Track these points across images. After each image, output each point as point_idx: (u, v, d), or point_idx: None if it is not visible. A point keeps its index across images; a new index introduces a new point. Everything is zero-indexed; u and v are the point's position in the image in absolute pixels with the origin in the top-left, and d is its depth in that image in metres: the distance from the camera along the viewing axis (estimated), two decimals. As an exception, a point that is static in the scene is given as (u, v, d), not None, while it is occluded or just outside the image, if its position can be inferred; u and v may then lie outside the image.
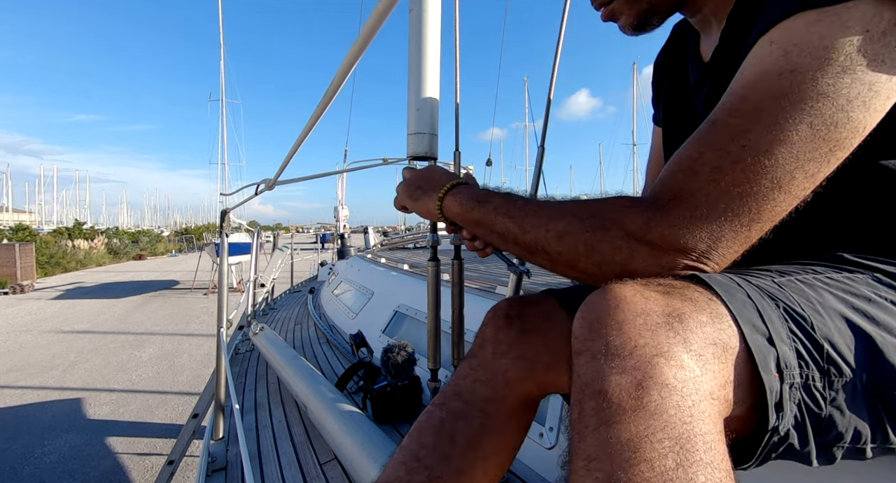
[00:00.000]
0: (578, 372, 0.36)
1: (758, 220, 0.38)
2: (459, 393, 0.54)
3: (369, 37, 0.67)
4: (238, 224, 3.05)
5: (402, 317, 2.19)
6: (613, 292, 0.37)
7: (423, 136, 0.75)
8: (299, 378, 1.39)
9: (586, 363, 0.35)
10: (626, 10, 0.54)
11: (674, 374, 0.31)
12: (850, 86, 0.34)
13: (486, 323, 0.59)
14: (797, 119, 0.35)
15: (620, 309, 0.35)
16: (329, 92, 0.79)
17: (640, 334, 0.33)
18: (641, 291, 0.36)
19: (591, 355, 0.35)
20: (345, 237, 8.02)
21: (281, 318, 3.49)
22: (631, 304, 0.35)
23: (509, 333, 0.55)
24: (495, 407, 0.53)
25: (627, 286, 0.37)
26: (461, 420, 0.52)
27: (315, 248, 10.60)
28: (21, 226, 21.15)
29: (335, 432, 1.03)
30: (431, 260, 0.85)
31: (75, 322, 7.74)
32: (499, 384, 0.53)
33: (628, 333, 0.33)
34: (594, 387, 0.33)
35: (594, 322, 0.36)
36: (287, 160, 1.15)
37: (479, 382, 0.54)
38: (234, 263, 10.83)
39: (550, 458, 1.05)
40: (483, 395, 0.53)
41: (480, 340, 0.58)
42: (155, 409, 4.05)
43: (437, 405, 0.55)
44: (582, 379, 0.35)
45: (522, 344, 0.54)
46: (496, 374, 0.54)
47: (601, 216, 0.42)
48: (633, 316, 0.34)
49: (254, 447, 1.34)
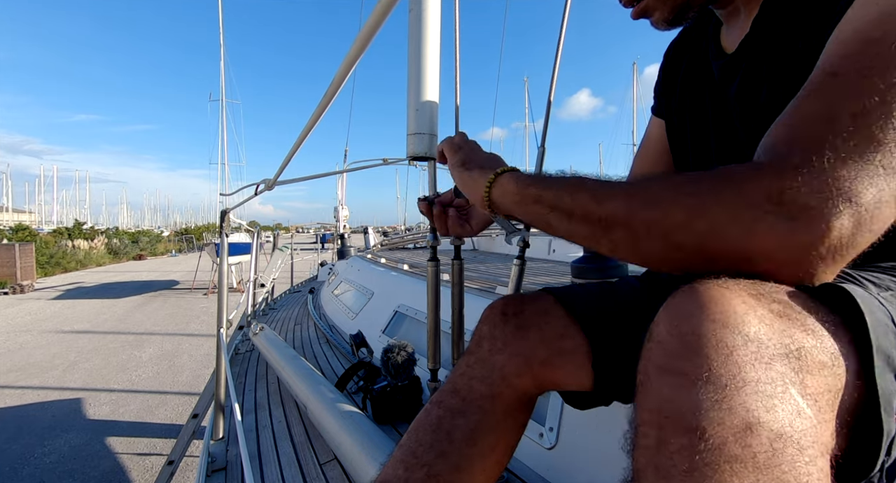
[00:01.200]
0: (661, 394, 0.30)
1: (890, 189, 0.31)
2: (457, 390, 0.54)
3: (369, 37, 0.67)
4: (238, 224, 3.05)
5: (401, 317, 2.20)
6: (717, 301, 0.30)
7: (423, 137, 0.75)
8: (299, 378, 1.39)
9: (677, 387, 0.29)
10: (660, 6, 0.52)
11: (790, 422, 0.27)
12: None
13: (483, 320, 0.59)
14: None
15: (729, 329, 0.29)
16: (329, 92, 0.79)
17: (754, 367, 0.28)
18: (755, 309, 0.30)
19: (685, 379, 0.29)
20: (345, 237, 8.01)
21: (281, 318, 3.49)
22: (742, 324, 0.29)
23: (505, 330, 0.55)
24: (492, 404, 0.53)
25: (735, 295, 0.31)
26: (459, 417, 0.52)
27: (315, 248, 10.60)
28: (21, 226, 21.15)
29: (335, 432, 1.03)
30: (431, 260, 0.85)
31: (75, 322, 7.74)
32: (495, 381, 0.53)
33: (739, 364, 0.28)
34: (688, 421, 0.28)
35: (690, 336, 0.30)
36: (287, 160, 1.15)
37: (476, 379, 0.54)
38: (234, 263, 10.82)
39: (550, 458, 1.05)
40: (480, 392, 0.53)
41: (477, 337, 0.58)
42: (155, 410, 4.04)
43: (435, 403, 0.55)
44: (667, 405, 0.30)
45: (518, 340, 0.54)
46: (493, 370, 0.54)
47: (709, 178, 0.33)
48: (745, 341, 0.29)
49: (254, 447, 1.34)
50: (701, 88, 0.61)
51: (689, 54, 0.64)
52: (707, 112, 0.59)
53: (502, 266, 3.17)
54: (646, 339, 0.34)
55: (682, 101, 0.65)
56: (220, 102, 20.93)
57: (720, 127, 0.57)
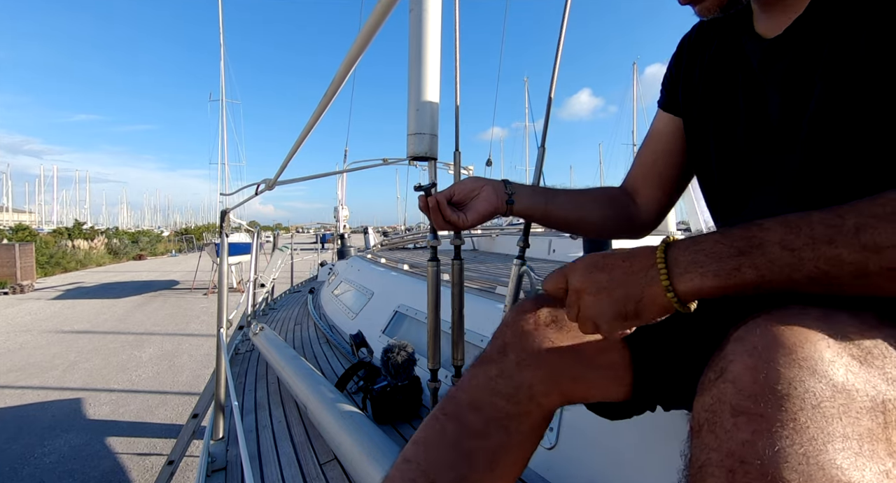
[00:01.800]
0: (736, 436, 0.29)
1: None
2: (478, 407, 0.49)
3: (369, 37, 0.67)
4: (238, 224, 3.05)
5: (402, 317, 2.19)
6: (804, 345, 0.29)
7: (423, 137, 0.75)
8: (299, 378, 1.39)
9: (757, 432, 0.28)
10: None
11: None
12: None
13: (509, 324, 0.52)
14: None
15: (818, 377, 0.28)
16: (329, 92, 0.79)
17: (841, 422, 0.26)
18: (840, 355, 0.29)
19: (767, 424, 0.28)
20: (345, 237, 8.01)
21: (281, 318, 3.49)
22: (831, 374, 0.28)
23: (537, 341, 0.49)
24: (517, 424, 0.48)
25: (819, 337, 0.30)
26: (480, 439, 0.47)
27: (315, 248, 10.61)
28: (21, 226, 21.15)
29: (335, 432, 1.03)
30: (431, 260, 0.85)
31: (75, 322, 7.74)
32: (523, 400, 0.48)
33: (827, 416, 0.27)
34: (771, 471, 0.26)
35: (775, 380, 0.29)
36: (287, 160, 1.15)
37: (500, 396, 0.48)
38: (234, 263, 10.83)
39: (550, 458, 1.05)
40: (505, 411, 0.48)
41: (501, 344, 0.51)
42: (155, 410, 4.04)
43: (451, 416, 0.49)
44: (743, 450, 0.28)
45: (552, 355, 0.48)
46: (520, 388, 0.48)
47: None
48: (833, 392, 0.27)
49: (254, 447, 1.34)
50: (731, 75, 0.56)
51: (716, 40, 0.59)
52: (737, 100, 0.54)
53: (502, 266, 3.17)
54: (712, 372, 0.33)
55: (706, 89, 0.60)
56: (221, 102, 20.94)
57: (752, 115, 0.52)
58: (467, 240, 5.25)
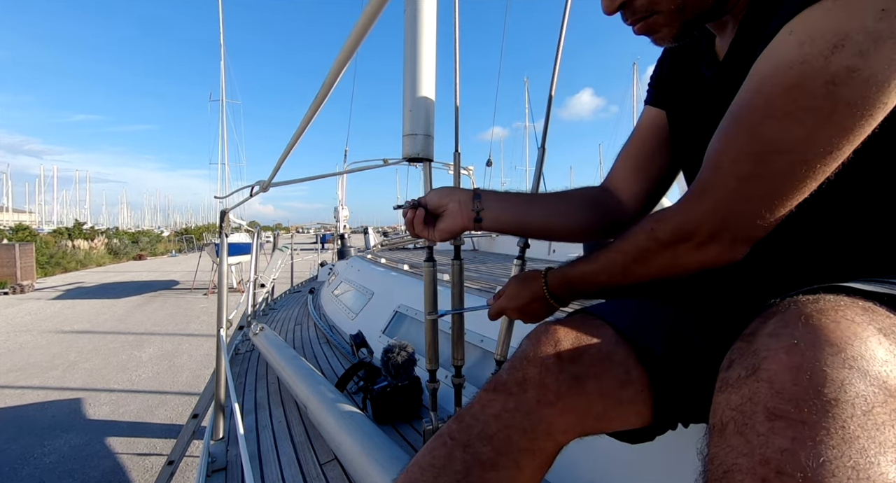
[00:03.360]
0: (772, 443, 0.26)
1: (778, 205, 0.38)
2: (489, 437, 0.46)
3: (362, 34, 0.66)
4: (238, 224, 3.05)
5: (402, 317, 2.19)
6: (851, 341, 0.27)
7: (418, 137, 0.75)
8: (299, 378, 1.39)
9: (798, 440, 0.25)
10: (669, 23, 0.50)
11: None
12: (864, 68, 0.31)
13: (529, 357, 0.49)
14: (807, 109, 0.33)
15: (869, 380, 0.26)
16: (322, 92, 0.78)
17: (894, 428, 0.25)
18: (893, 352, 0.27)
19: (810, 431, 0.25)
20: (345, 237, 8.01)
21: (281, 318, 3.49)
22: (885, 376, 0.26)
23: (559, 379, 0.47)
24: (530, 459, 0.46)
25: (867, 331, 0.28)
26: (490, 471, 0.45)
27: (315, 248, 10.60)
28: (21, 226, 21.14)
29: (335, 433, 1.03)
30: (427, 260, 0.85)
31: (75, 322, 7.74)
32: (539, 436, 0.46)
33: (878, 424, 0.25)
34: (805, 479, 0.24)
35: (820, 382, 0.26)
36: (280, 161, 1.14)
37: (516, 430, 0.46)
38: (234, 263, 10.82)
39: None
40: (519, 446, 0.46)
41: (521, 377, 0.48)
42: (155, 410, 4.04)
43: (460, 444, 0.47)
44: (781, 458, 0.26)
45: (574, 394, 0.46)
46: (538, 424, 0.46)
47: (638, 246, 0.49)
48: (886, 396, 0.25)
49: (254, 447, 1.34)
50: (695, 95, 0.60)
51: (684, 65, 0.64)
52: (704, 119, 0.58)
53: (502, 266, 3.17)
54: (741, 368, 0.31)
55: (683, 91, 0.64)
56: (221, 102, 20.94)
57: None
58: (467, 240, 5.25)
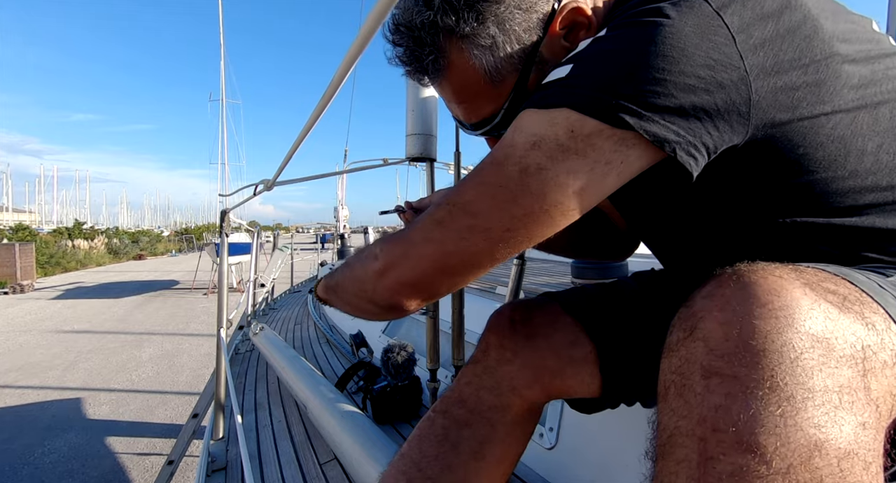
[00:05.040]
0: (708, 401, 0.27)
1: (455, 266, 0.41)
2: (463, 400, 0.53)
3: (368, 36, 0.66)
4: (238, 224, 3.06)
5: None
6: (779, 294, 0.28)
7: (420, 137, 0.75)
8: (299, 378, 1.39)
9: (730, 395, 0.26)
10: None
11: (856, 437, 0.25)
12: (550, 168, 0.35)
13: (490, 328, 0.57)
14: (499, 185, 0.37)
15: (795, 328, 0.26)
16: (327, 93, 0.78)
17: (821, 373, 0.25)
18: (818, 302, 0.28)
19: (742, 385, 0.26)
20: (345, 237, 8.02)
21: (281, 318, 3.49)
22: (809, 322, 0.27)
23: (514, 339, 0.54)
24: (500, 415, 0.51)
25: (794, 286, 0.29)
26: (465, 429, 0.51)
27: (315, 248, 10.60)
28: (21, 226, 21.13)
29: (335, 432, 1.03)
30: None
31: (75, 322, 7.74)
32: (504, 392, 0.52)
33: (806, 369, 0.25)
34: (746, 437, 0.25)
35: (750, 335, 0.27)
36: (286, 161, 1.14)
37: (485, 390, 0.52)
38: (234, 263, 10.82)
39: (550, 458, 1.05)
40: (488, 403, 0.52)
41: (484, 346, 0.56)
42: (155, 409, 4.04)
43: (440, 412, 0.53)
44: (717, 415, 0.26)
45: (528, 350, 0.53)
46: (501, 381, 0.52)
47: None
48: (812, 343, 0.26)
49: (254, 447, 1.34)
50: None
51: None
52: None
53: (502, 266, 3.17)
54: (680, 331, 0.32)
55: None
56: (221, 102, 20.94)
57: None
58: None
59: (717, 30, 0.34)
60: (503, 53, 0.46)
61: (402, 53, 0.50)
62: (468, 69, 0.48)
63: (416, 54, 0.48)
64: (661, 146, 0.34)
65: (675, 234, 0.55)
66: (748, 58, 0.34)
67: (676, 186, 0.46)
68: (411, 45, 0.48)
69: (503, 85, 0.49)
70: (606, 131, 0.34)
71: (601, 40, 0.38)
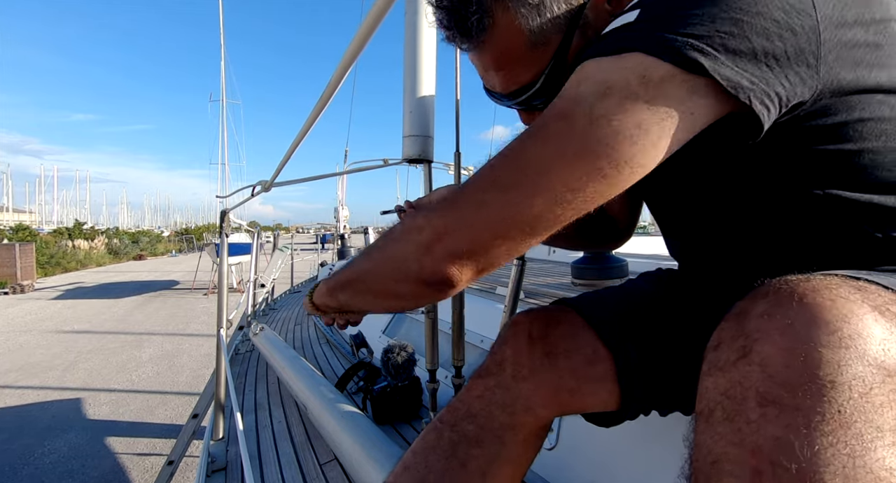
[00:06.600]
0: (764, 431, 0.25)
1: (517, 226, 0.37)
2: (473, 415, 0.50)
3: (365, 38, 0.66)
4: (238, 224, 3.06)
5: (402, 317, 2.20)
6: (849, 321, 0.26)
7: (417, 139, 0.75)
8: (299, 378, 1.39)
9: (792, 427, 0.24)
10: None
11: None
12: (621, 120, 0.33)
13: (506, 341, 0.54)
14: (567, 138, 0.34)
15: (867, 361, 0.24)
16: (325, 94, 0.79)
17: (892, 410, 0.24)
18: (891, 331, 0.26)
19: (805, 418, 0.24)
20: (345, 238, 8.02)
21: (281, 318, 3.49)
22: (882, 356, 0.25)
23: (532, 355, 0.51)
24: (513, 434, 0.49)
25: (864, 310, 0.27)
26: (475, 447, 0.48)
27: (315, 248, 10.60)
28: (21, 226, 21.13)
29: (335, 433, 1.03)
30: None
31: (75, 322, 7.74)
32: (518, 411, 0.49)
33: (877, 406, 0.23)
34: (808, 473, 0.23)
35: (817, 365, 0.25)
36: (283, 162, 1.14)
37: (497, 406, 0.50)
38: (234, 264, 10.81)
39: (550, 458, 1.05)
40: (500, 422, 0.49)
41: (499, 359, 0.53)
42: (155, 410, 4.04)
43: (448, 424, 0.50)
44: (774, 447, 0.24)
45: (546, 368, 0.50)
46: (516, 399, 0.49)
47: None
48: (884, 377, 0.24)
49: (254, 447, 1.34)
50: None
51: None
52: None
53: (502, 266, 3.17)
54: (730, 350, 0.30)
55: None
56: (221, 103, 20.95)
57: None
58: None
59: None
60: (550, 14, 0.45)
61: (443, 16, 0.48)
62: (513, 30, 0.46)
63: (460, 14, 0.46)
64: (735, 93, 0.33)
65: (700, 217, 0.53)
66: (820, 7, 0.34)
67: (712, 160, 0.44)
68: (456, 4, 0.46)
69: (546, 49, 0.47)
70: (680, 76, 0.33)
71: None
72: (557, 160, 0.34)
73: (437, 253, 0.39)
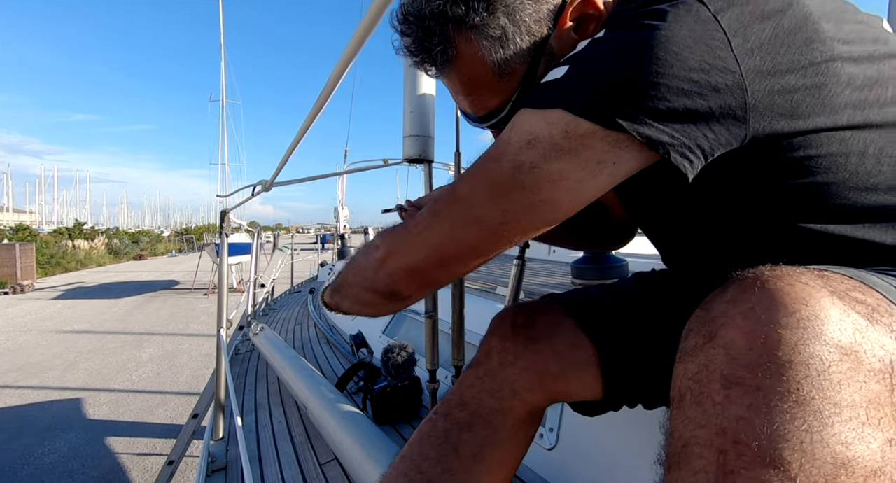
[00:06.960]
0: (728, 412, 0.26)
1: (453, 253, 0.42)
2: (465, 403, 0.52)
3: (366, 33, 0.66)
4: (238, 224, 3.06)
5: (402, 317, 2.19)
6: (807, 303, 0.27)
7: (417, 139, 0.75)
8: (299, 378, 1.39)
9: (753, 407, 0.25)
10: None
11: (883, 454, 0.24)
12: (543, 167, 0.36)
13: (492, 331, 0.57)
14: (494, 181, 0.38)
15: (824, 340, 0.26)
16: (324, 93, 0.78)
17: (849, 387, 0.25)
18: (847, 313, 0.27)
19: (766, 397, 0.25)
20: (345, 238, 8.02)
21: (281, 318, 3.49)
22: (839, 334, 0.26)
23: (516, 342, 0.54)
24: (502, 418, 0.51)
25: (822, 294, 0.28)
26: (466, 432, 0.50)
27: (315, 248, 10.60)
28: (21, 226, 21.13)
29: (335, 433, 1.03)
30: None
31: (75, 322, 7.74)
32: (506, 395, 0.52)
33: (834, 383, 0.25)
34: (769, 451, 0.24)
35: (776, 345, 0.26)
36: (283, 161, 1.14)
37: (486, 393, 0.52)
38: (234, 264, 10.82)
39: (550, 458, 1.05)
40: (490, 407, 0.51)
41: (486, 349, 0.56)
42: (155, 410, 4.04)
43: (441, 414, 0.53)
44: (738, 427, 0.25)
45: (530, 353, 0.53)
46: (504, 384, 0.52)
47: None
48: (842, 355, 0.25)
49: (254, 447, 1.34)
50: None
51: None
52: None
53: (502, 266, 3.17)
54: (698, 336, 0.31)
55: None
56: (221, 102, 20.96)
57: None
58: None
59: (712, 34, 0.34)
60: (513, 45, 0.46)
61: (409, 43, 0.49)
62: (477, 61, 0.47)
63: (424, 44, 0.47)
64: (654, 148, 0.34)
65: (678, 231, 0.55)
66: (744, 61, 0.34)
67: (678, 186, 0.46)
68: (420, 35, 0.47)
69: (512, 77, 0.48)
70: (600, 133, 0.35)
71: (598, 42, 0.38)
72: (487, 197, 0.39)
73: (387, 269, 0.45)
